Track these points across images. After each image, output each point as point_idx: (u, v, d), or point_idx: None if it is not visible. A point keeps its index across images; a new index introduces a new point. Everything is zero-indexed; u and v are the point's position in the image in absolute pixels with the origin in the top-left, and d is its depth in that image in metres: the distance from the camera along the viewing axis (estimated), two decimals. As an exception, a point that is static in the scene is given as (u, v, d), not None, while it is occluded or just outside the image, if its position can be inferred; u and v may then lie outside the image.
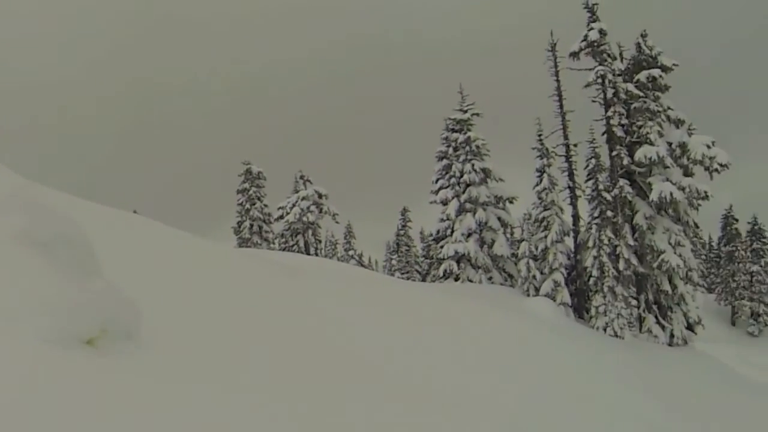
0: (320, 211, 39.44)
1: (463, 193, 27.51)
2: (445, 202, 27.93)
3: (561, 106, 24.81)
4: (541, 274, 23.14)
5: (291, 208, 39.19)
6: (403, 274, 54.02)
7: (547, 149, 24.19)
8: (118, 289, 5.75)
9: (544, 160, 24.03)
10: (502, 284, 26.65)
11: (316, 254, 39.73)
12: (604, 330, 21.25)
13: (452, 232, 27.56)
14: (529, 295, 22.74)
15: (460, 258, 27.11)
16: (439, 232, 28.57)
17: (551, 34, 25.07)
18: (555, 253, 22.97)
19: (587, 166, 23.66)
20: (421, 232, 58.53)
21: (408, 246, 56.71)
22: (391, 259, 60.21)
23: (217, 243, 17.43)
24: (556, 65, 24.95)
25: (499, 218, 27.63)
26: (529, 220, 24.31)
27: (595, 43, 23.87)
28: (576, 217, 24.44)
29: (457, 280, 27.01)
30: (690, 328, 23.93)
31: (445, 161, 28.30)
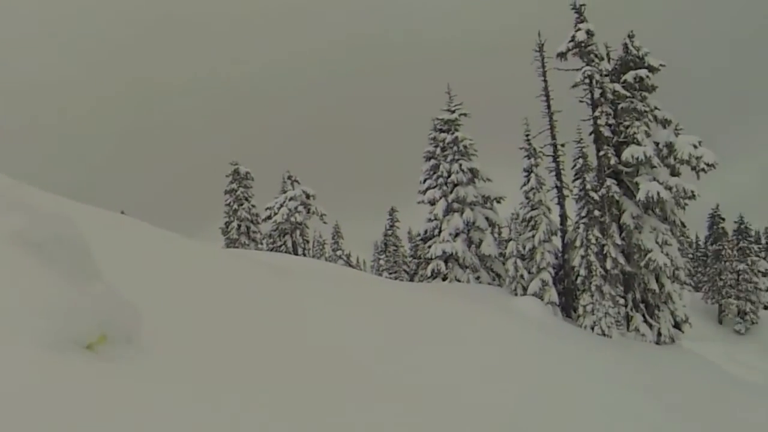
0: (308, 212, 39.34)
1: (451, 193, 27.55)
2: (433, 202, 27.97)
3: (548, 106, 24.86)
4: (529, 273, 23.21)
5: (279, 209, 39.07)
6: (391, 274, 53.99)
7: (535, 149, 24.27)
8: (118, 291, 5.65)
9: (532, 160, 24.11)
10: (489, 284, 26.71)
11: (304, 254, 39.62)
12: (592, 329, 21.33)
13: (440, 231, 27.60)
14: (516, 295, 22.80)
15: (447, 258, 27.15)
16: (426, 232, 28.61)
17: (539, 34, 25.16)
18: (542, 253, 23.04)
19: (575, 165, 23.77)
20: (408, 232, 58.61)
21: (396, 246, 56.68)
22: (379, 259, 60.14)
23: (205, 243, 17.37)
24: (543, 65, 25.00)
25: (487, 218, 27.68)
26: (517, 219, 24.35)
27: (583, 44, 23.95)
28: (563, 217, 24.51)
29: (444, 279, 27.04)
30: (677, 326, 24.04)
31: (433, 161, 28.34)
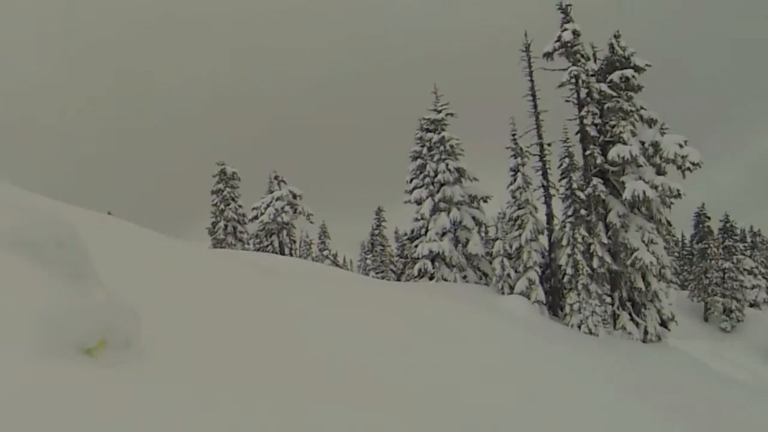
0: (295, 212, 39.27)
1: (438, 192, 27.57)
2: (420, 202, 27.98)
3: (535, 106, 24.93)
4: (516, 272, 23.26)
5: (265, 209, 38.99)
6: (377, 273, 54.03)
7: (521, 148, 24.32)
8: (117, 295, 5.56)
9: (518, 160, 24.16)
10: (476, 283, 26.75)
11: (291, 254, 39.57)
12: (579, 327, 21.40)
13: (427, 231, 27.62)
14: (503, 294, 22.83)
15: (434, 257, 27.17)
16: (413, 232, 28.60)
17: (525, 35, 25.23)
18: (529, 252, 23.10)
19: (561, 165, 23.83)
20: (395, 232, 58.59)
21: (383, 246, 56.71)
22: (366, 259, 60.12)
23: (192, 244, 17.31)
24: (530, 65, 25.06)
25: (474, 217, 27.71)
26: (504, 218, 24.39)
27: (569, 44, 24.03)
28: (550, 216, 24.58)
29: (431, 279, 27.05)
30: (663, 324, 24.15)
31: (420, 161, 28.35)
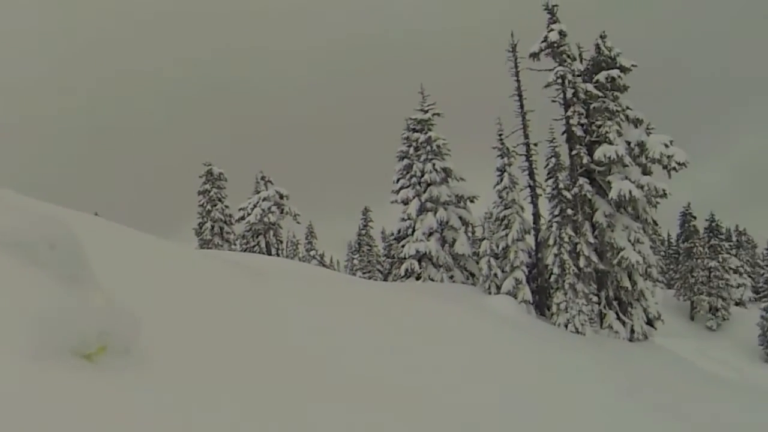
0: (281, 212, 39.22)
1: (424, 192, 27.55)
2: (406, 202, 27.94)
3: (521, 106, 24.92)
4: (503, 272, 23.25)
5: (252, 209, 38.92)
6: (364, 273, 54.01)
7: (508, 148, 24.30)
8: (116, 299, 5.47)
9: (505, 159, 24.14)
10: (463, 283, 26.75)
11: (278, 255, 39.49)
12: (566, 326, 21.43)
13: (413, 231, 27.58)
14: (490, 293, 22.81)
15: (421, 257, 27.15)
16: (400, 232, 28.56)
17: (512, 35, 25.21)
18: (516, 251, 23.10)
19: (547, 165, 23.83)
20: (382, 232, 58.58)
21: (369, 246, 56.70)
22: (353, 259, 60.16)
23: (179, 245, 17.25)
24: (516, 66, 25.05)
25: (460, 217, 27.71)
26: (490, 218, 24.38)
27: (555, 44, 24.08)
28: (536, 216, 24.59)
29: (418, 279, 27.04)
30: (650, 323, 24.26)
31: (406, 161, 28.32)
